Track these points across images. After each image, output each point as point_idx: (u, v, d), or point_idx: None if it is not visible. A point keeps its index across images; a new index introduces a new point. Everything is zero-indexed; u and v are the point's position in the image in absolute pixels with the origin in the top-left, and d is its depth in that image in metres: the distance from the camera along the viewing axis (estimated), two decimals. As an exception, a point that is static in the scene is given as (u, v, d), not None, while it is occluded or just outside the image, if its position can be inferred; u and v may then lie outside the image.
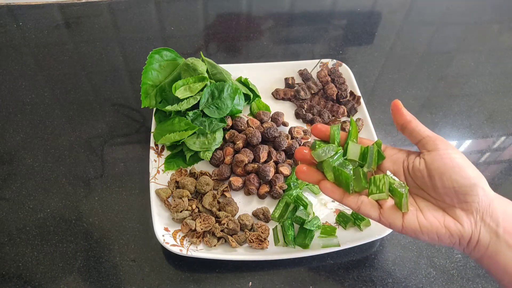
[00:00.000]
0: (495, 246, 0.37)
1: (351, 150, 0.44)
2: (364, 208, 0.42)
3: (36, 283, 0.52)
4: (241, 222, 0.56)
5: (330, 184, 0.44)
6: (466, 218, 0.38)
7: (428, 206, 0.41)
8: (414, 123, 0.43)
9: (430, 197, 0.41)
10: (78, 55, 0.81)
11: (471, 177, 0.38)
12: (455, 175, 0.38)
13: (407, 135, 0.44)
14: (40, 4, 0.91)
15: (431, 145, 0.41)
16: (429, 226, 0.39)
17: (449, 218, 0.39)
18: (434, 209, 0.40)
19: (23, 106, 0.71)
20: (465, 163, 0.39)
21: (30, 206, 0.59)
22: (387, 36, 0.91)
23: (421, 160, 0.41)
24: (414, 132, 0.43)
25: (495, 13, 1.01)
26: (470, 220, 0.38)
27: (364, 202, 0.42)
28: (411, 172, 0.42)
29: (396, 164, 0.43)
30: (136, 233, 0.57)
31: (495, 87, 0.82)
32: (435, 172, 0.39)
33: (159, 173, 0.61)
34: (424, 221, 0.39)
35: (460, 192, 0.38)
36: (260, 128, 0.65)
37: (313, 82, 0.75)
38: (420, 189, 0.42)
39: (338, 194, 0.43)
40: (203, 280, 0.53)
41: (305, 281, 0.54)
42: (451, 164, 0.38)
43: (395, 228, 0.41)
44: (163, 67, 0.66)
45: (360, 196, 0.43)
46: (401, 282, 0.54)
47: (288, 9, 0.97)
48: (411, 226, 0.39)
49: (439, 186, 0.39)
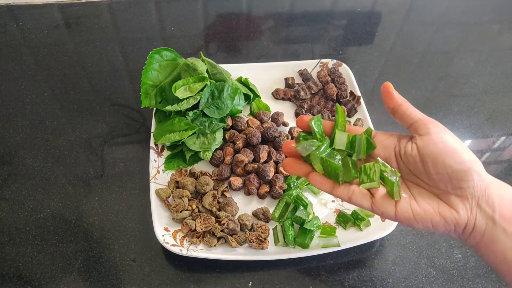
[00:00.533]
0: (491, 232, 0.36)
1: (338, 139, 0.42)
2: (355, 198, 0.40)
3: (36, 283, 0.52)
4: (241, 222, 0.56)
5: (319, 176, 0.42)
6: (461, 205, 0.37)
7: (422, 193, 0.39)
8: (405, 106, 0.41)
9: (424, 183, 0.39)
10: (78, 55, 0.81)
11: (466, 161, 0.36)
12: (448, 159, 0.36)
13: (398, 119, 0.42)
14: (40, 4, 0.91)
15: (423, 129, 0.39)
16: (423, 214, 0.37)
17: (444, 205, 0.37)
18: (428, 196, 0.39)
19: (23, 106, 0.72)
20: (459, 147, 0.37)
21: (30, 206, 0.59)
22: (387, 36, 0.91)
23: (413, 145, 0.39)
24: (405, 116, 0.41)
25: (495, 13, 1.01)
26: (466, 207, 0.37)
27: (355, 192, 0.40)
28: (403, 157, 0.40)
29: (387, 150, 0.41)
30: (136, 233, 0.57)
31: (495, 87, 0.82)
32: (428, 157, 0.37)
33: (159, 173, 0.61)
34: (418, 208, 0.38)
35: (454, 178, 0.36)
36: (260, 128, 0.65)
37: (313, 82, 0.75)
38: (413, 175, 0.40)
39: (328, 185, 0.41)
40: (203, 280, 0.53)
41: (305, 281, 0.54)
42: (445, 149, 0.37)
43: (388, 217, 0.39)
44: (163, 67, 0.66)
45: (351, 186, 0.41)
46: (401, 282, 0.54)
47: (288, 9, 0.97)
48: (404, 215, 0.38)
49: (432, 172, 0.37)
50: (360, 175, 0.40)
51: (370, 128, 0.43)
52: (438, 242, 0.59)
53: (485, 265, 0.56)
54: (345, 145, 0.41)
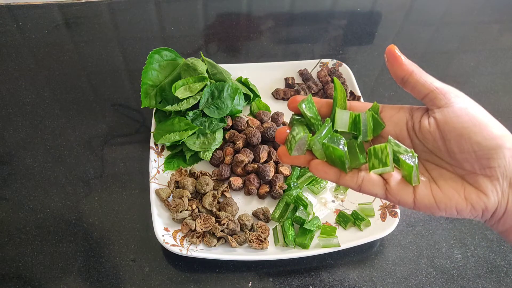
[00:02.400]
0: None
1: (339, 120, 0.36)
2: (365, 187, 0.34)
3: (36, 283, 0.52)
4: (241, 222, 0.56)
5: (321, 164, 0.35)
6: (490, 186, 0.31)
7: (443, 175, 0.33)
8: (417, 73, 0.34)
9: (445, 162, 0.34)
10: (78, 55, 0.81)
11: (496, 136, 0.31)
12: (475, 136, 0.31)
13: (409, 90, 0.35)
14: (40, 4, 0.91)
15: (442, 100, 0.33)
16: (447, 200, 0.32)
17: (470, 188, 0.32)
18: (451, 178, 0.33)
19: (23, 106, 0.71)
20: (487, 120, 0.32)
21: (30, 206, 0.59)
22: (387, 36, 0.91)
23: (430, 119, 0.33)
24: (419, 85, 0.34)
25: (495, 13, 1.01)
26: (496, 189, 0.31)
27: (365, 179, 0.34)
28: (418, 134, 0.34)
29: (398, 126, 0.35)
30: (136, 233, 0.57)
31: (495, 87, 0.82)
32: (450, 133, 0.32)
33: (159, 173, 0.61)
34: (440, 194, 0.32)
35: (483, 157, 0.31)
36: (260, 128, 0.65)
37: (313, 82, 0.75)
38: (432, 154, 0.34)
39: (333, 174, 0.35)
40: (203, 280, 0.53)
41: (305, 281, 0.54)
42: (470, 123, 0.31)
43: (406, 205, 0.34)
44: (163, 67, 0.66)
45: (360, 172, 0.35)
46: (401, 282, 0.54)
47: (288, 9, 0.97)
48: (425, 202, 0.33)
49: (456, 150, 0.32)
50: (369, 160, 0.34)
51: (377, 103, 0.36)
52: (438, 242, 0.59)
53: (485, 265, 0.56)
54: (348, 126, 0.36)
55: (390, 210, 0.58)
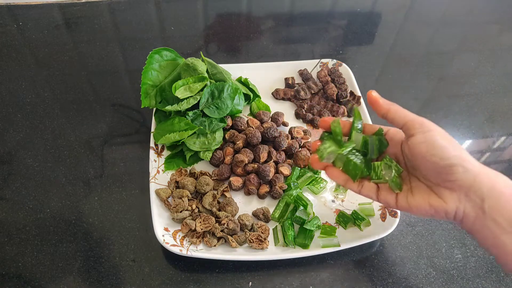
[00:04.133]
0: (481, 221, 0.39)
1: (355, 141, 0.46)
2: (364, 191, 0.46)
3: (36, 283, 0.52)
4: (241, 222, 0.56)
5: (337, 170, 0.47)
6: (449, 196, 0.40)
7: (419, 186, 0.43)
8: (393, 110, 0.44)
9: (420, 177, 0.44)
10: (78, 55, 0.81)
11: (450, 157, 0.39)
12: (434, 157, 0.40)
13: (390, 122, 0.45)
14: (40, 4, 0.91)
15: (411, 130, 0.42)
16: (417, 205, 0.42)
17: (434, 197, 0.42)
18: (423, 189, 0.43)
19: (23, 106, 0.71)
20: (444, 144, 0.40)
21: (30, 206, 0.59)
22: (387, 36, 0.91)
23: (407, 145, 0.43)
24: (396, 118, 0.44)
25: (495, 13, 1.01)
26: (454, 197, 0.40)
27: (364, 186, 0.46)
28: (404, 154, 0.45)
29: (395, 147, 0.46)
30: (136, 233, 0.57)
31: (495, 87, 0.82)
32: (417, 156, 0.41)
33: (159, 173, 0.61)
34: (413, 201, 0.43)
35: (442, 173, 0.40)
36: (260, 128, 0.65)
37: (313, 82, 0.75)
38: (413, 169, 0.44)
39: (343, 179, 0.47)
40: (203, 280, 0.53)
41: (305, 281, 0.54)
42: (431, 146, 0.40)
43: (390, 206, 0.45)
44: (163, 67, 0.66)
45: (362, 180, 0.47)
46: (401, 282, 0.54)
47: (288, 9, 0.97)
48: (402, 205, 0.44)
49: (422, 168, 0.42)
50: (371, 172, 0.46)
51: (381, 128, 0.47)
52: (438, 242, 0.59)
53: (485, 265, 0.56)
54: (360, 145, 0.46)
55: (390, 210, 0.58)
